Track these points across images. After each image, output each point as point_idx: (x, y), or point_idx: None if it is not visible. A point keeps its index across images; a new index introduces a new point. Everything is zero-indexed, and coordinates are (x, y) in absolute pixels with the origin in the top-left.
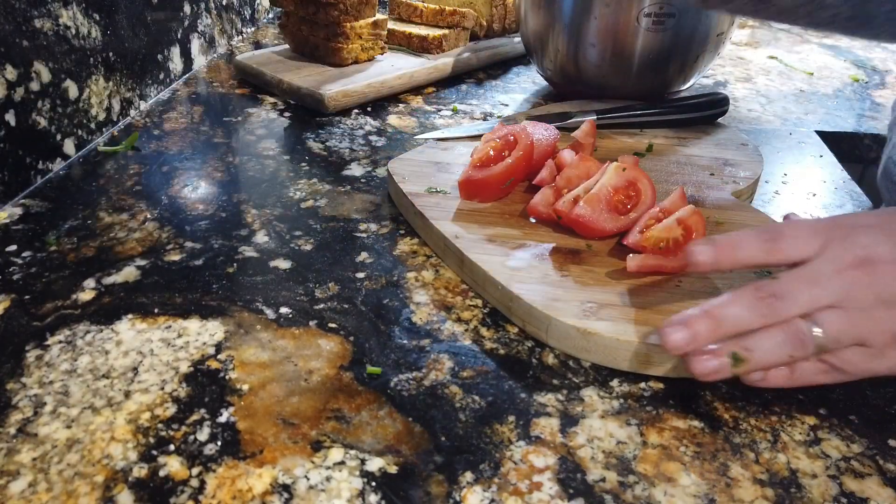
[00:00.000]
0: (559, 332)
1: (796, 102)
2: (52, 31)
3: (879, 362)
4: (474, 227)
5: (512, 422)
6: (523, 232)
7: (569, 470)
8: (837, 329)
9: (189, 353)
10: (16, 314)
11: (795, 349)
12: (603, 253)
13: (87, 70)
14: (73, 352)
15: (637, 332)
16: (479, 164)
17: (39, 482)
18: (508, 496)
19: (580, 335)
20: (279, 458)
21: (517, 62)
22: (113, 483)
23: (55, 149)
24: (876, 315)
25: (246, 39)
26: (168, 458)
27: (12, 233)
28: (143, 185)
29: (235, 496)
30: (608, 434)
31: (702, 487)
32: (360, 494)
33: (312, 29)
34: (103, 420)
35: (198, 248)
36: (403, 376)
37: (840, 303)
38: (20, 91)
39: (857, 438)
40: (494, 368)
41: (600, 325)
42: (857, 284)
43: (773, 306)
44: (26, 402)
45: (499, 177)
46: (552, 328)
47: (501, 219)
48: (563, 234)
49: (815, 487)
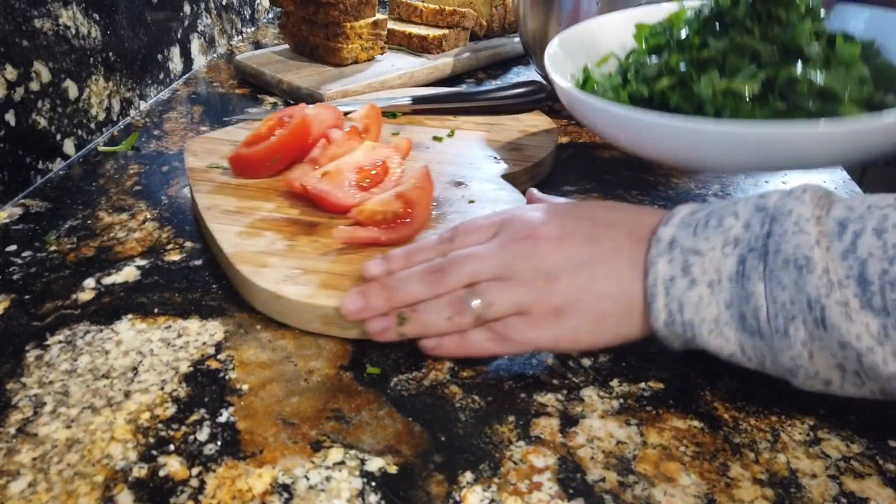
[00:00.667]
0: (260, 297)
1: None
2: (52, 30)
3: (540, 333)
4: (232, 199)
5: (512, 422)
6: (276, 205)
7: (569, 470)
8: (495, 296)
9: (189, 353)
10: (16, 314)
11: (454, 313)
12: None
13: (86, 70)
14: (73, 352)
15: (327, 296)
16: (250, 142)
17: (39, 482)
18: (508, 496)
19: (274, 299)
20: (279, 458)
21: (517, 62)
22: (113, 483)
23: (55, 149)
24: (536, 286)
25: (246, 39)
26: (168, 458)
27: (12, 233)
28: (143, 185)
29: (235, 496)
30: (608, 434)
31: (702, 487)
32: (359, 494)
33: (312, 29)
34: (103, 420)
35: (198, 248)
36: (403, 376)
37: (502, 275)
38: (20, 91)
39: (856, 438)
40: (494, 368)
41: (294, 290)
42: (518, 257)
43: (439, 279)
44: (26, 402)
45: (263, 154)
46: (255, 293)
47: (263, 193)
48: (311, 209)
49: (815, 487)
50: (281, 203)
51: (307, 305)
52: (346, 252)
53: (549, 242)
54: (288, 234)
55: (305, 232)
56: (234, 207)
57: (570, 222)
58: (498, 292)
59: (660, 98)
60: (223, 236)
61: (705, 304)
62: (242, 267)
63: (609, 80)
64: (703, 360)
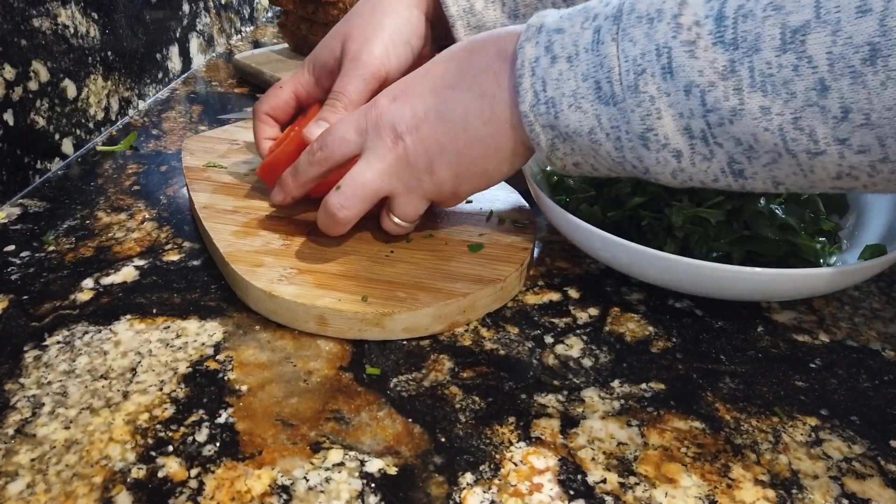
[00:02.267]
0: (255, 296)
1: None
2: (51, 30)
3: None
4: (229, 199)
5: (512, 423)
6: (273, 204)
7: (569, 471)
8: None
9: (188, 354)
10: (14, 314)
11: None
12: None
13: (85, 69)
14: (72, 352)
15: (320, 296)
16: (272, 149)
17: (38, 483)
18: (509, 497)
19: (267, 298)
20: (278, 460)
21: None
22: (111, 484)
23: (53, 148)
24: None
25: (245, 38)
26: (167, 459)
27: (10, 233)
28: (141, 185)
29: (234, 497)
30: (609, 435)
31: (703, 489)
32: (359, 496)
33: (312, 28)
34: (102, 421)
35: (196, 248)
36: (403, 377)
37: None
38: (18, 90)
39: (858, 439)
40: (494, 369)
41: (287, 290)
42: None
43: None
44: (24, 403)
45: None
46: (249, 292)
47: (260, 193)
48: (308, 208)
49: (817, 488)
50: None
51: (301, 305)
52: (343, 252)
53: (412, 137)
54: (284, 234)
55: (302, 232)
56: (232, 207)
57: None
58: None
59: (631, 212)
60: (219, 235)
61: (565, 78)
62: (237, 266)
63: (582, 186)
64: (704, 361)
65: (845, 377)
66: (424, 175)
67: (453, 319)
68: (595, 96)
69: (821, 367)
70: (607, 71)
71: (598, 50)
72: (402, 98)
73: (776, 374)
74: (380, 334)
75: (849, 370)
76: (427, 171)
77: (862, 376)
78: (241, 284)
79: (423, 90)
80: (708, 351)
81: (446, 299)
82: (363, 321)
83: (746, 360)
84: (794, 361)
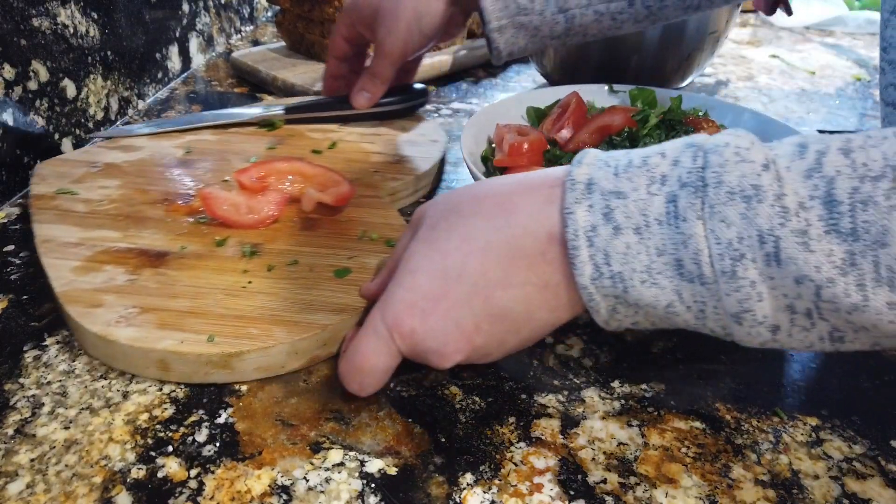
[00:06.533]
0: (89, 341)
1: (798, 101)
2: (51, 29)
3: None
4: (74, 230)
5: (512, 423)
6: (123, 234)
7: (570, 471)
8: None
9: None
10: (14, 314)
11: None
12: (192, 256)
13: (85, 69)
14: (71, 352)
15: (161, 338)
16: None
17: (37, 483)
18: (509, 498)
19: (103, 343)
20: (278, 460)
21: (516, 60)
22: (111, 484)
23: (53, 148)
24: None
25: (245, 38)
26: (166, 460)
27: (10, 232)
28: None
29: (234, 497)
30: (609, 435)
31: (703, 489)
32: (359, 496)
33: (308, 26)
34: (101, 421)
35: None
36: (403, 377)
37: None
38: (18, 90)
39: (858, 439)
40: (494, 369)
41: (125, 332)
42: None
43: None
44: (24, 403)
45: None
46: (83, 337)
47: (111, 221)
48: (164, 234)
49: (817, 489)
50: (131, 231)
51: (138, 350)
52: (194, 286)
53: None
54: (131, 268)
55: (151, 264)
56: (76, 239)
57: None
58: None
59: None
60: (56, 272)
61: (634, 252)
62: (71, 308)
63: None
64: (704, 361)
65: (845, 377)
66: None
67: (313, 354)
68: (675, 273)
69: (821, 367)
70: (693, 252)
71: (677, 226)
72: (434, 314)
73: (776, 374)
74: (229, 377)
75: (849, 370)
76: (482, 358)
77: (862, 376)
78: (75, 328)
79: (461, 297)
80: (708, 351)
81: (302, 333)
82: (209, 363)
83: (746, 360)
84: (794, 361)
